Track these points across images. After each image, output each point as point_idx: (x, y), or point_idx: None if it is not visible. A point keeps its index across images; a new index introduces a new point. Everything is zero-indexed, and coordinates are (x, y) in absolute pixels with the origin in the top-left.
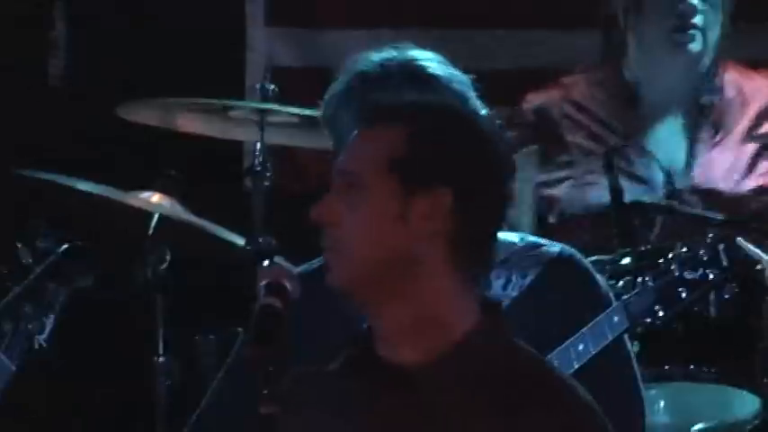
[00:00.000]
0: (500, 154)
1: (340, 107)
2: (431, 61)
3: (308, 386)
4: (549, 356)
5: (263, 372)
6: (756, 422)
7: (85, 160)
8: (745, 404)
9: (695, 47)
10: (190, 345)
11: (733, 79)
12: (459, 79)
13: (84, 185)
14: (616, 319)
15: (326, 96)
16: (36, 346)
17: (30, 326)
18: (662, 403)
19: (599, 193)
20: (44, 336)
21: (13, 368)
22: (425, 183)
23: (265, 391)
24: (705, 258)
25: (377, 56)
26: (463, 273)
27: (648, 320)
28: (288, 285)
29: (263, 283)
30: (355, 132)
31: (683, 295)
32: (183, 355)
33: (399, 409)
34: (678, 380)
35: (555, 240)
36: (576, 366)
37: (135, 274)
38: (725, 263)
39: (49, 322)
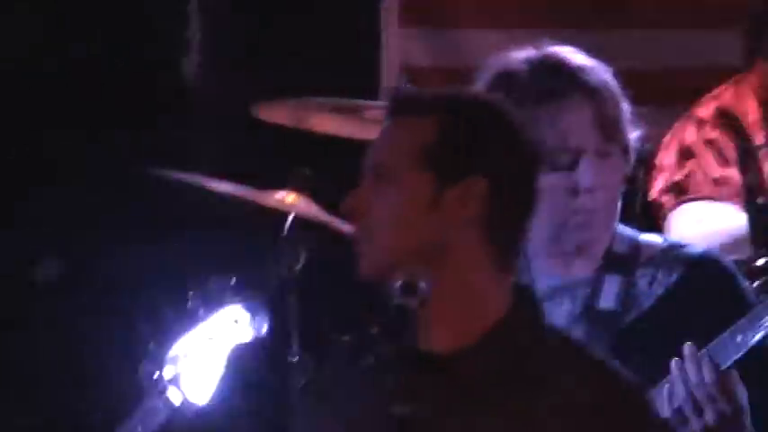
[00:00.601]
0: (531, 145)
1: None
2: (572, 55)
3: (344, 378)
4: (707, 348)
5: (395, 371)
6: None
7: (220, 160)
8: None
9: None
10: (324, 344)
11: None
12: (602, 72)
13: (219, 185)
14: None
15: None
16: None
17: None
18: None
19: None
20: None
21: None
22: (458, 172)
23: (399, 390)
24: None
25: (518, 53)
26: (496, 260)
27: None
28: (422, 285)
29: (398, 283)
30: (385, 124)
31: None
32: (318, 355)
33: (432, 396)
34: None
35: None
36: (735, 357)
37: (270, 273)
38: None
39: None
